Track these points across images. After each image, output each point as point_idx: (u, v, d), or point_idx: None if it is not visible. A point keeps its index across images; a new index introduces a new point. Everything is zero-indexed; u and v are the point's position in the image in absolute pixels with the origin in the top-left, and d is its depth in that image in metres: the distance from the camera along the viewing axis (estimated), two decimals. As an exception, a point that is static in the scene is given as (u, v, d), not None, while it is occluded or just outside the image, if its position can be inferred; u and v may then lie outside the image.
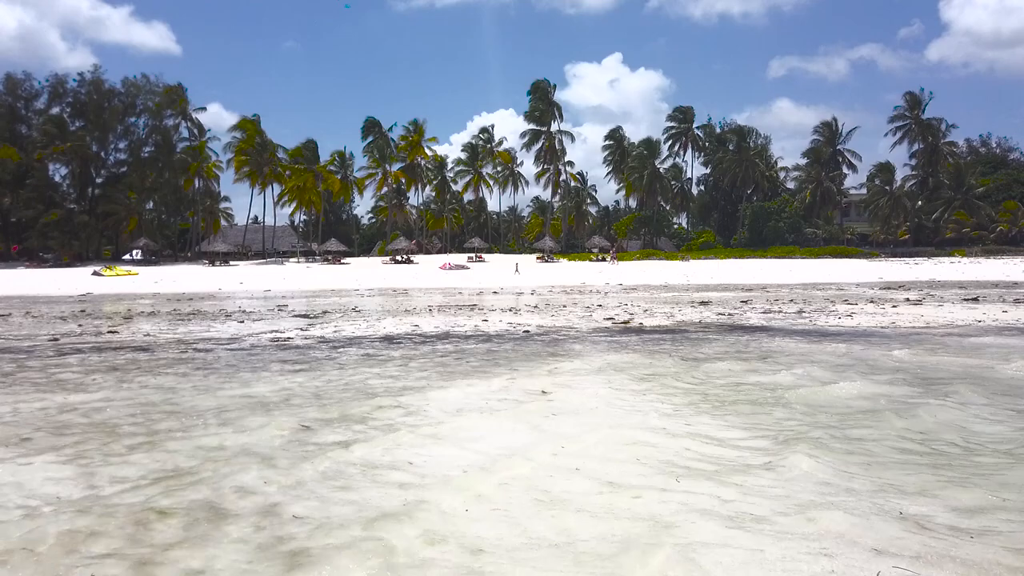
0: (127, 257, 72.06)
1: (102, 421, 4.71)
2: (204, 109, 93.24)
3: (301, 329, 12.48)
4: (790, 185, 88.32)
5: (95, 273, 48.31)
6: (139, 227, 71.00)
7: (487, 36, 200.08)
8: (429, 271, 53.48)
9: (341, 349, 9.15)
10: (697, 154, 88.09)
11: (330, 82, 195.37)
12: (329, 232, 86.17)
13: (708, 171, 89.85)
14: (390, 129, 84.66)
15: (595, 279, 39.46)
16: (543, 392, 5.59)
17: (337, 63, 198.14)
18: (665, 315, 15.16)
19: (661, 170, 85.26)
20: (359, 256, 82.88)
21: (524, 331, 11.64)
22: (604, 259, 68.11)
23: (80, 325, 13.99)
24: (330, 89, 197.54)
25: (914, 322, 12.46)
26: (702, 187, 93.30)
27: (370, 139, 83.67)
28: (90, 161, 70.44)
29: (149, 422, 4.68)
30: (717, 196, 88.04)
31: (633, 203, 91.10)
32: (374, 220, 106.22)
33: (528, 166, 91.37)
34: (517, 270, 49.88)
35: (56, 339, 11.17)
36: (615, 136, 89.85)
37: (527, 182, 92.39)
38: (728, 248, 76.38)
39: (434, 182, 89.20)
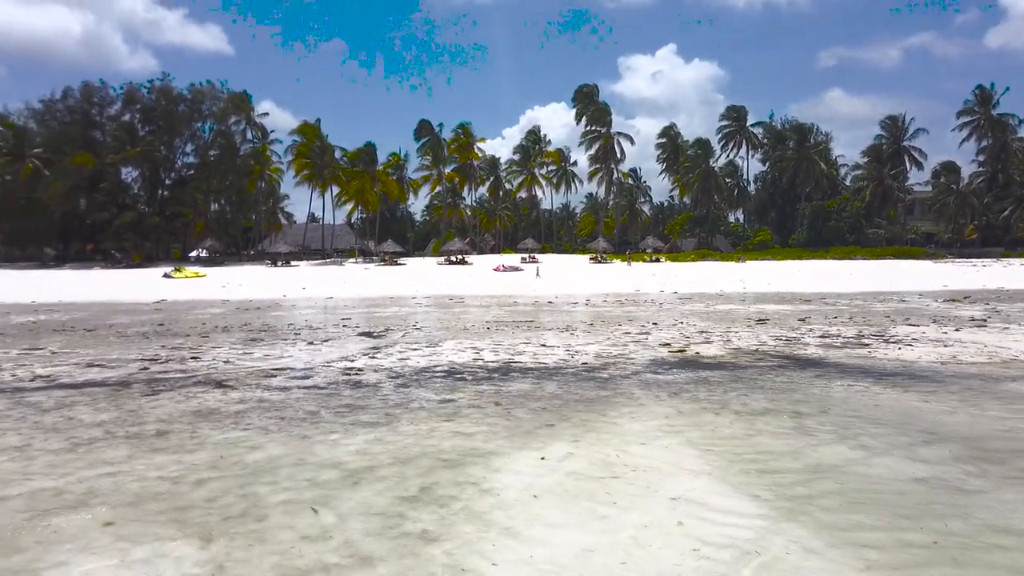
0: (193, 255, 74.87)
1: (209, 498, 5.29)
2: (267, 114, 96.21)
3: (368, 356, 13.10)
4: (850, 183, 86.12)
5: (165, 275, 50.52)
6: (206, 228, 73.76)
7: (533, 31, 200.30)
8: (483, 273, 54.21)
9: (409, 390, 9.68)
10: (753, 152, 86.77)
11: (379, 81, 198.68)
12: (385, 230, 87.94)
13: (766, 168, 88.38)
14: (439, 128, 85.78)
15: (649, 286, 39.48)
16: (606, 463, 5.99)
17: (385, 61, 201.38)
18: (721, 339, 15.30)
19: (716, 168, 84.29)
20: (414, 255, 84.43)
21: (582, 363, 12.03)
22: (650, 260, 68.13)
23: (163, 347, 14.91)
24: (379, 87, 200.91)
25: (976, 355, 12.38)
26: (759, 184, 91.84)
27: (423, 141, 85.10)
28: (159, 165, 73.53)
29: (254, 498, 5.24)
30: (775, 194, 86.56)
31: (688, 200, 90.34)
32: (428, 218, 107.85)
33: (581, 162, 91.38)
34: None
35: (146, 367, 12.01)
36: (668, 134, 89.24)
37: (580, 180, 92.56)
38: (786, 248, 75.11)
39: (487, 182, 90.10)
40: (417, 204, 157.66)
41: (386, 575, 3.93)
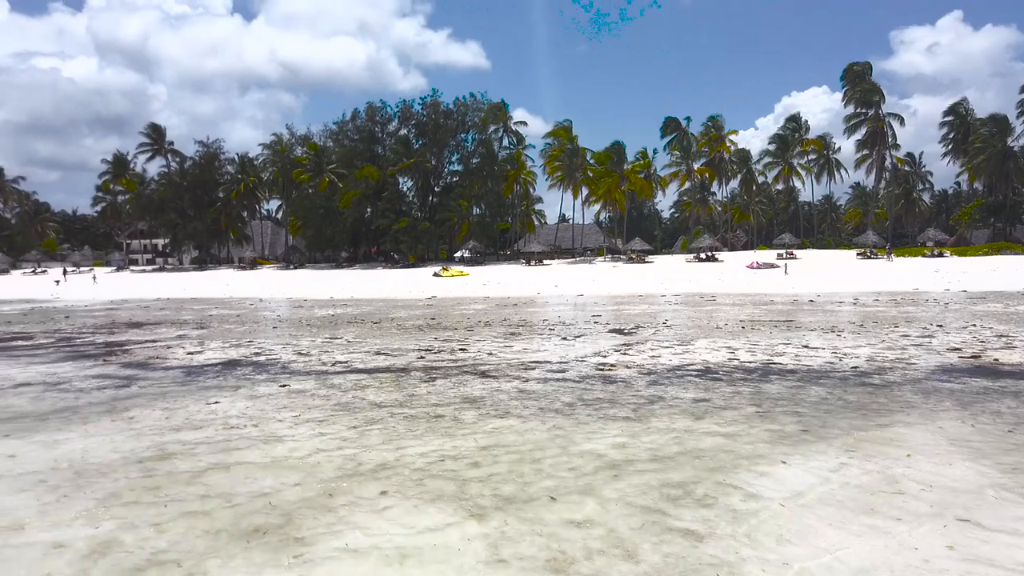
0: (457, 255, 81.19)
1: (480, 478, 5.76)
2: (524, 123, 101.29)
3: (619, 352, 13.26)
4: None
5: (435, 274, 55.67)
6: (469, 230, 79.80)
7: (791, 11, 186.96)
8: (735, 270, 52.06)
9: (663, 387, 9.64)
10: (1070, 125, 72.99)
11: (624, 80, 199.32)
12: (632, 228, 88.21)
13: (1088, 144, 73.86)
14: (687, 122, 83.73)
15: (931, 283, 35.12)
16: (887, 476, 5.48)
17: (630, 61, 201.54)
18: (1027, 346, 13.16)
19: (1015, 148, 72.29)
20: (661, 252, 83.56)
21: (852, 366, 11.08)
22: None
23: (436, 338, 16.40)
24: (625, 87, 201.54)
25: None
26: (1078, 163, 76.93)
27: (670, 137, 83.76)
28: (430, 174, 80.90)
29: (521, 482, 5.60)
30: (1100, 174, 71.92)
31: (979, 186, 78.68)
32: (676, 215, 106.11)
33: (846, 149, 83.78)
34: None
35: (423, 356, 13.32)
36: (957, 111, 78.45)
37: (845, 169, 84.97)
38: (1117, 239, 62.14)
39: (739, 175, 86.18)
40: (664, 201, 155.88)
41: (650, 571, 3.98)
